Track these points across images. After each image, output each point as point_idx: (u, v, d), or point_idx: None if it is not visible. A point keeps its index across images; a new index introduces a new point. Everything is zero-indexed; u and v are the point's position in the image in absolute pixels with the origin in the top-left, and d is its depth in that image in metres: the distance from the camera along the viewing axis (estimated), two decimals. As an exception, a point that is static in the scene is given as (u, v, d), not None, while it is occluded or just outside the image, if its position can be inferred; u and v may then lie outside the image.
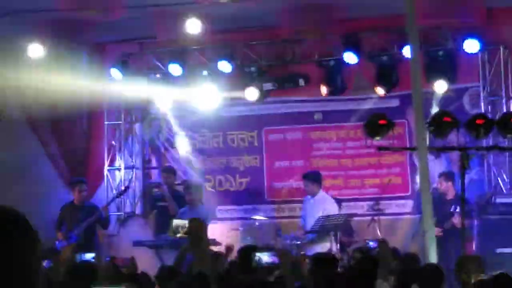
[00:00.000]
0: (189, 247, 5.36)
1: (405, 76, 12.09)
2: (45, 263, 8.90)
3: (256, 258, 7.54)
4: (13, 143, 14.27)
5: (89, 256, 10.83)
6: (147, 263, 10.72)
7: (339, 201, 12.94)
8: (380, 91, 13.06)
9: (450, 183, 12.24)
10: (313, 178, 12.78)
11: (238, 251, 8.64)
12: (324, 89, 13.25)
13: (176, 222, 12.16)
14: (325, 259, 7.96)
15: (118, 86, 14.30)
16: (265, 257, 7.71)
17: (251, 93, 13.47)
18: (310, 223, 12.33)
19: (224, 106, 14.13)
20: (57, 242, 11.97)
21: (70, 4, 10.19)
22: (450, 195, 12.20)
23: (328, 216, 12.21)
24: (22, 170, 14.17)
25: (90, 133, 14.46)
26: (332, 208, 12.54)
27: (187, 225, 11.01)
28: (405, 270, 7.70)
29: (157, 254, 12.37)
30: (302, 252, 11.02)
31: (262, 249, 8.35)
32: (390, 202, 13.25)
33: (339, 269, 8.04)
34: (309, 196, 12.67)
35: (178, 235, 11.79)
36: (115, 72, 13.77)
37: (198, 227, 5.26)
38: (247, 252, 8.12)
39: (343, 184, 13.70)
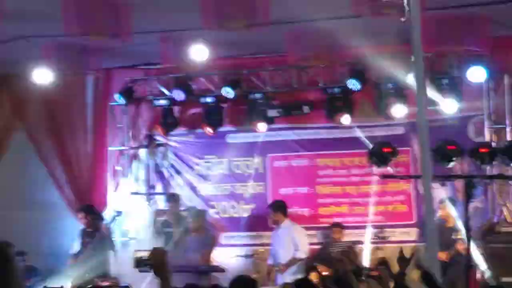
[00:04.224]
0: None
1: (409, 103, 12.19)
2: None
3: None
4: (20, 169, 14.32)
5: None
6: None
7: (342, 227, 13.01)
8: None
9: (450, 210, 12.18)
10: (277, 207, 12.90)
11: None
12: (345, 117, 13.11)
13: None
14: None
15: (123, 112, 14.39)
16: None
17: (261, 127, 13.49)
18: (280, 253, 12.69)
19: (229, 132, 14.15)
20: None
21: (77, 29, 10.21)
22: (451, 222, 12.15)
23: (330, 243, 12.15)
24: (29, 196, 14.21)
25: (94, 158, 14.46)
26: (300, 236, 12.66)
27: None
28: None
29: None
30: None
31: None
32: (395, 230, 13.22)
33: None
34: (276, 227, 12.92)
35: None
36: (120, 98, 13.86)
37: (160, 256, 5.28)
38: None
39: (347, 212, 13.67)
